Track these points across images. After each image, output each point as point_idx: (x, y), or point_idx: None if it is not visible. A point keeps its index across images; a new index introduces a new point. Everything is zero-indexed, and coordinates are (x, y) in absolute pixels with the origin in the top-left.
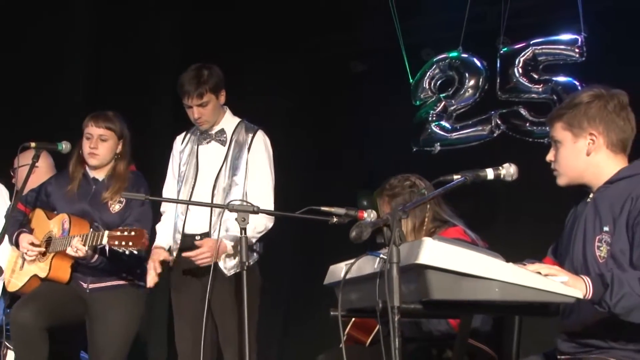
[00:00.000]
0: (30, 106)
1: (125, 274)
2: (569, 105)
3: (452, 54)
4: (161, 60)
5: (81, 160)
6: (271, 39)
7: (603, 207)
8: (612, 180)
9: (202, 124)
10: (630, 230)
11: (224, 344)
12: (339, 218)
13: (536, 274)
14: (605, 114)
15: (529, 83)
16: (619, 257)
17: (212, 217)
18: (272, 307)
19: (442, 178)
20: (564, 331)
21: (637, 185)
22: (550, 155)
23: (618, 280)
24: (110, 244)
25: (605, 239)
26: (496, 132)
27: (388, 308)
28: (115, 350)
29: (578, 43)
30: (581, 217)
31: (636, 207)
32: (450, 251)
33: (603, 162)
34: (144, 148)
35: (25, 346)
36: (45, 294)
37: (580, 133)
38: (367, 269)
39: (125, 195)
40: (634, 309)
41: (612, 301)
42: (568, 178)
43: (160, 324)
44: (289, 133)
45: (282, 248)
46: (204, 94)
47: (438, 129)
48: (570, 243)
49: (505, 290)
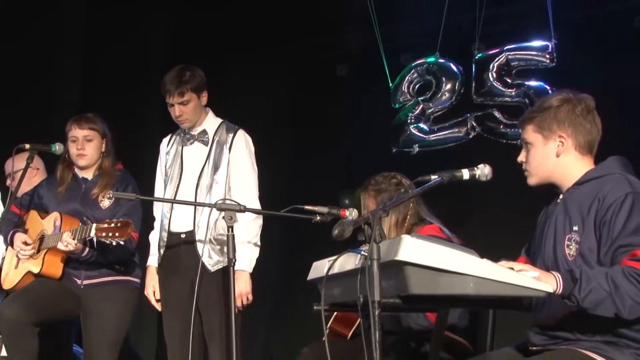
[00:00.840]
0: (21, 107)
1: (117, 268)
2: (539, 108)
3: (429, 59)
4: (150, 62)
5: (69, 163)
6: (258, 42)
7: (572, 207)
8: (580, 181)
9: (182, 122)
10: (597, 229)
11: (209, 337)
12: (322, 216)
13: (509, 269)
14: (574, 118)
15: (502, 87)
16: (587, 255)
17: (195, 216)
18: (257, 301)
19: (420, 178)
20: (536, 324)
21: (603, 187)
22: (522, 156)
23: (586, 275)
24: (98, 236)
25: (575, 238)
26: (472, 134)
27: (369, 302)
28: (108, 343)
29: (549, 49)
30: (552, 217)
31: (603, 207)
32: (427, 248)
33: (571, 164)
34: (134, 148)
35: (14, 341)
36: (35, 290)
37: (550, 135)
38: (349, 265)
39: (115, 194)
40: (601, 303)
41: (581, 295)
42: (538, 178)
43: (151, 318)
44: (274, 133)
45: (267, 245)
46: (184, 92)
47: (416, 131)
48: (542, 242)
49: (480, 285)
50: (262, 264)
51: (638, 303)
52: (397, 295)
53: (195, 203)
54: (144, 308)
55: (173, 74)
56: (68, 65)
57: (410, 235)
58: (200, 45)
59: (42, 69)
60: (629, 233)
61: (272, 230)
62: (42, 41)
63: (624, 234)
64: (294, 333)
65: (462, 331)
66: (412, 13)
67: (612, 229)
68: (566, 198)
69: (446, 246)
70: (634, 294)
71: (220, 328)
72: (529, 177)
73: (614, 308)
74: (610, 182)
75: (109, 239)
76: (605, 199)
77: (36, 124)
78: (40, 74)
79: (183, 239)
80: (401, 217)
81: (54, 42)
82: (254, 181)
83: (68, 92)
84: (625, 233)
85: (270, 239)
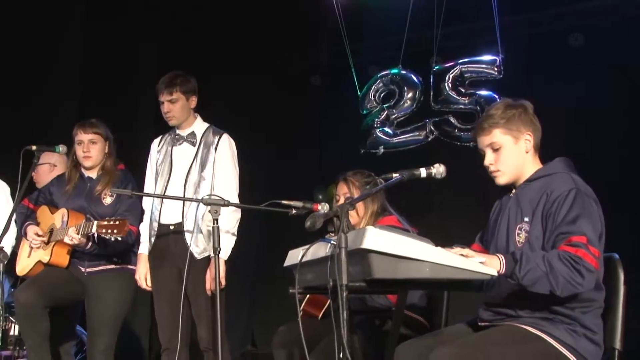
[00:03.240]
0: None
1: (117, 259)
2: (503, 115)
3: (393, 70)
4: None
5: (76, 164)
6: (241, 55)
7: (524, 201)
8: (531, 178)
9: (170, 118)
10: (544, 220)
11: (197, 318)
12: (297, 210)
13: (460, 256)
14: (530, 118)
15: (457, 96)
16: (533, 242)
17: (184, 209)
18: (240, 286)
19: (383, 176)
20: (485, 302)
21: (551, 183)
22: (490, 159)
23: (526, 257)
24: (98, 232)
25: (525, 227)
26: (430, 137)
27: (338, 286)
28: (109, 324)
29: (497, 63)
30: (505, 209)
31: (549, 201)
32: (388, 238)
33: (529, 161)
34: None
35: (27, 322)
36: (46, 278)
37: (519, 135)
38: (320, 253)
39: (113, 190)
40: (537, 281)
41: (521, 274)
42: (509, 176)
43: (144, 301)
44: (255, 136)
45: (248, 236)
46: (173, 92)
47: (382, 134)
48: (495, 230)
49: (434, 270)
50: (245, 253)
51: (570, 282)
52: (362, 280)
53: (184, 198)
54: (138, 292)
55: (167, 77)
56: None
57: (374, 227)
58: (186, 58)
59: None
60: (568, 222)
61: (253, 223)
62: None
63: (564, 223)
64: (272, 314)
65: (420, 310)
66: (377, 30)
67: (555, 219)
68: (518, 193)
69: (405, 236)
70: (566, 274)
71: (207, 309)
72: (500, 176)
73: (549, 286)
74: (556, 180)
75: (108, 235)
76: (552, 194)
77: (42, 127)
78: (41, 85)
79: (172, 229)
80: (370, 208)
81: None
82: (234, 179)
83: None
84: (565, 222)
85: (252, 231)
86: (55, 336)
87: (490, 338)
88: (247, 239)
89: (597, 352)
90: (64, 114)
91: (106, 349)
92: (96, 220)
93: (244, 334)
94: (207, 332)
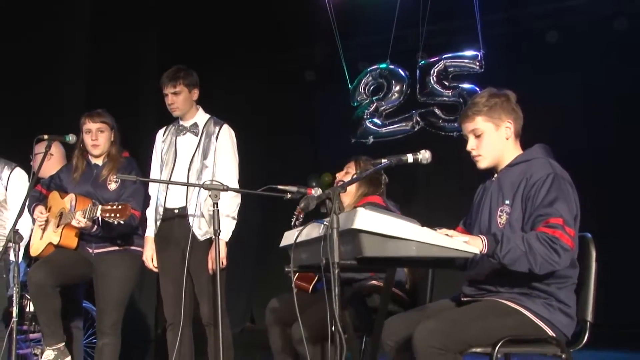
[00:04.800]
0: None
1: (120, 241)
2: (486, 103)
3: (381, 65)
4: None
5: (83, 152)
6: (241, 51)
7: (505, 185)
8: (512, 164)
9: (174, 110)
10: (524, 203)
11: (199, 295)
12: (293, 194)
13: (445, 235)
14: (512, 107)
15: (441, 89)
16: (514, 224)
17: (187, 194)
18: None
19: (373, 161)
20: (468, 279)
21: (530, 168)
22: (472, 144)
23: (506, 237)
24: (102, 216)
25: (506, 209)
26: (416, 127)
27: (330, 264)
28: (116, 301)
29: (478, 58)
30: (487, 192)
31: (529, 185)
32: (378, 218)
33: (510, 147)
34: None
35: (39, 300)
36: (56, 259)
37: (500, 123)
38: (314, 234)
39: (119, 176)
40: (517, 260)
41: (502, 254)
42: (490, 160)
43: (151, 281)
44: (254, 126)
45: (248, 219)
46: (176, 85)
47: (371, 125)
48: (479, 212)
49: (421, 248)
50: (244, 235)
51: (547, 261)
52: (353, 258)
53: (187, 184)
54: (145, 272)
55: (170, 71)
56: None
57: (364, 208)
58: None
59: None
60: (546, 205)
61: (252, 207)
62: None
63: (542, 205)
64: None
65: (404, 288)
66: (367, 29)
67: (534, 202)
68: (500, 177)
69: (393, 216)
70: (544, 254)
71: (208, 287)
72: (481, 161)
73: (528, 264)
74: (535, 165)
75: (111, 219)
76: (531, 178)
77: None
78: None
79: (176, 213)
80: (361, 188)
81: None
82: (234, 166)
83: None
84: (543, 205)
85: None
86: (65, 313)
87: (472, 312)
88: (246, 223)
89: (570, 324)
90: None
91: (114, 324)
92: (101, 205)
93: (243, 312)
94: (209, 309)
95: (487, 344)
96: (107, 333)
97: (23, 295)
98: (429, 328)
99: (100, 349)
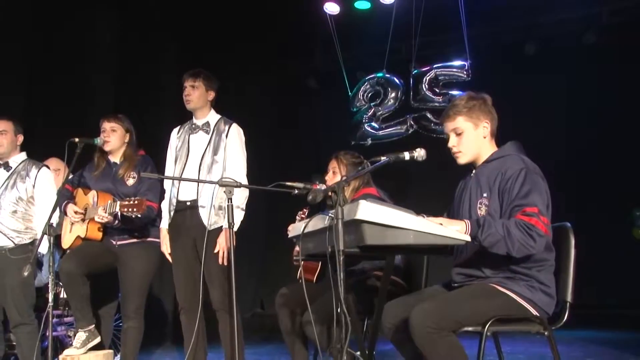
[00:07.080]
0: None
1: (137, 233)
2: (466, 105)
3: (378, 74)
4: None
5: (102, 152)
6: (249, 60)
7: (482, 179)
8: (488, 160)
9: (188, 102)
10: (500, 195)
11: (209, 281)
12: (299, 190)
13: (439, 224)
14: (489, 109)
15: (432, 95)
16: (493, 214)
17: (198, 188)
18: (249, 255)
19: (372, 159)
20: (457, 266)
21: (504, 164)
22: (453, 142)
23: (488, 223)
24: (121, 211)
25: (484, 202)
26: (410, 130)
27: (335, 252)
28: (138, 287)
29: (465, 67)
30: (467, 187)
31: (504, 179)
32: (379, 209)
33: (486, 145)
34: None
35: (70, 287)
36: (84, 250)
37: (478, 123)
38: (320, 225)
39: (144, 175)
40: (496, 243)
41: (482, 237)
42: (469, 157)
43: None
44: (262, 129)
45: (258, 213)
46: (196, 79)
47: (369, 128)
48: (460, 205)
49: (418, 237)
50: (254, 227)
51: (523, 245)
52: (356, 246)
53: (205, 181)
54: (164, 261)
55: (195, 69)
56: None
57: (366, 200)
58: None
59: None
60: (521, 197)
61: (262, 202)
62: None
63: (518, 197)
64: (278, 281)
65: (402, 273)
66: (365, 40)
67: (510, 194)
68: (478, 172)
69: (392, 208)
70: (520, 238)
71: (217, 274)
72: (461, 157)
73: (506, 248)
74: (509, 161)
75: (129, 213)
76: (506, 173)
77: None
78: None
79: (188, 205)
80: (358, 183)
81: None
82: (243, 162)
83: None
84: (519, 197)
85: (261, 208)
86: (96, 300)
87: (463, 294)
88: (257, 217)
89: (550, 302)
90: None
91: (137, 308)
92: (120, 201)
93: (253, 299)
94: (219, 294)
95: (478, 323)
96: (131, 317)
97: (57, 282)
98: (425, 310)
99: (125, 331)
